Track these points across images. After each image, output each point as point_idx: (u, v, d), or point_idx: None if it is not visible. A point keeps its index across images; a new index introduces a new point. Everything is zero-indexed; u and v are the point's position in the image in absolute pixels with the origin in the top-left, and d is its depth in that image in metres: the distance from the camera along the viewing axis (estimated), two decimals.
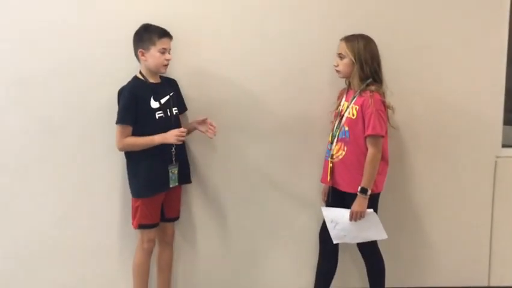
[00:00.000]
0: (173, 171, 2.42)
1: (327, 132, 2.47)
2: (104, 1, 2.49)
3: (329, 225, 2.38)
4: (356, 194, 2.27)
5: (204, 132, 2.45)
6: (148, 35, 2.31)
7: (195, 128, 2.50)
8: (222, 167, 2.66)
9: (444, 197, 2.70)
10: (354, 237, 2.37)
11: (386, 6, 2.56)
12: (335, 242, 2.40)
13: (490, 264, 2.79)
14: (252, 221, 2.71)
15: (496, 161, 2.69)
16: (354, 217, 2.28)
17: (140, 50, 2.33)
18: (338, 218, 2.34)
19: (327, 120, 2.52)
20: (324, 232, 2.48)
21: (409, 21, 2.57)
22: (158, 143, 2.33)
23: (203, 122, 2.46)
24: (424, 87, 2.61)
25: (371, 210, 2.29)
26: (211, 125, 2.42)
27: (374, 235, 2.36)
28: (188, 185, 2.59)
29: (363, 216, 2.28)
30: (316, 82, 2.60)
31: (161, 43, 2.32)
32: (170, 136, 2.32)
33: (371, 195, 2.27)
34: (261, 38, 2.57)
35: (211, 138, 2.44)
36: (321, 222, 2.52)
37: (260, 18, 2.55)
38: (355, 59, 2.28)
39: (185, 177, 2.52)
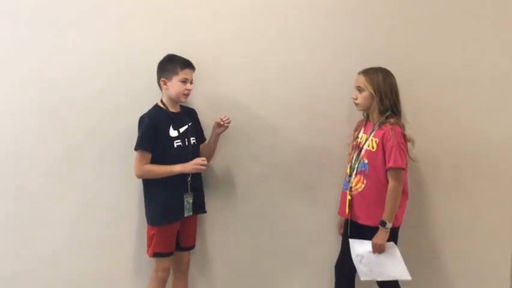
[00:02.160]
0: (189, 200, 2.42)
1: (344, 164, 2.46)
2: (126, 32, 2.55)
3: (355, 260, 2.33)
4: (375, 228, 2.25)
5: (223, 129, 2.47)
6: (172, 65, 2.36)
7: (218, 134, 2.50)
8: (238, 197, 2.65)
9: (464, 232, 2.65)
10: (379, 273, 2.31)
11: (404, 39, 2.57)
12: (362, 278, 2.34)
13: None
14: (267, 252, 2.69)
15: None
16: (375, 249, 2.26)
17: (162, 79, 2.37)
18: (363, 252, 2.30)
19: (344, 152, 2.52)
20: (340, 264, 2.45)
21: (428, 53, 2.58)
22: (177, 173, 2.34)
23: (217, 125, 2.48)
24: (443, 119, 2.60)
25: (392, 242, 2.27)
26: (222, 120, 2.44)
27: (397, 273, 2.30)
28: (204, 215, 2.57)
29: (383, 250, 2.25)
30: (334, 114, 2.61)
31: (184, 73, 2.36)
32: (190, 165, 2.34)
33: (390, 228, 2.24)
34: (278, 68, 2.60)
35: (228, 124, 2.46)
36: (337, 254, 2.49)
37: (278, 48, 2.59)
38: (375, 92, 2.29)
39: (199, 207, 2.50)
